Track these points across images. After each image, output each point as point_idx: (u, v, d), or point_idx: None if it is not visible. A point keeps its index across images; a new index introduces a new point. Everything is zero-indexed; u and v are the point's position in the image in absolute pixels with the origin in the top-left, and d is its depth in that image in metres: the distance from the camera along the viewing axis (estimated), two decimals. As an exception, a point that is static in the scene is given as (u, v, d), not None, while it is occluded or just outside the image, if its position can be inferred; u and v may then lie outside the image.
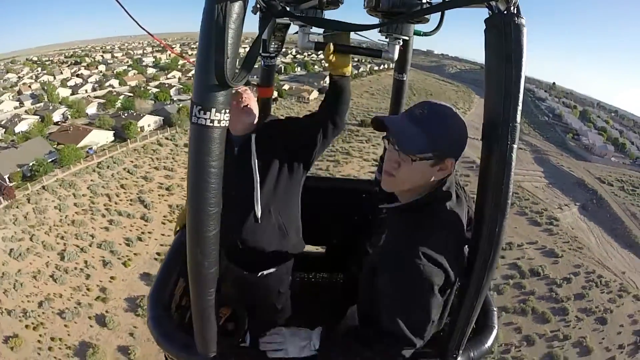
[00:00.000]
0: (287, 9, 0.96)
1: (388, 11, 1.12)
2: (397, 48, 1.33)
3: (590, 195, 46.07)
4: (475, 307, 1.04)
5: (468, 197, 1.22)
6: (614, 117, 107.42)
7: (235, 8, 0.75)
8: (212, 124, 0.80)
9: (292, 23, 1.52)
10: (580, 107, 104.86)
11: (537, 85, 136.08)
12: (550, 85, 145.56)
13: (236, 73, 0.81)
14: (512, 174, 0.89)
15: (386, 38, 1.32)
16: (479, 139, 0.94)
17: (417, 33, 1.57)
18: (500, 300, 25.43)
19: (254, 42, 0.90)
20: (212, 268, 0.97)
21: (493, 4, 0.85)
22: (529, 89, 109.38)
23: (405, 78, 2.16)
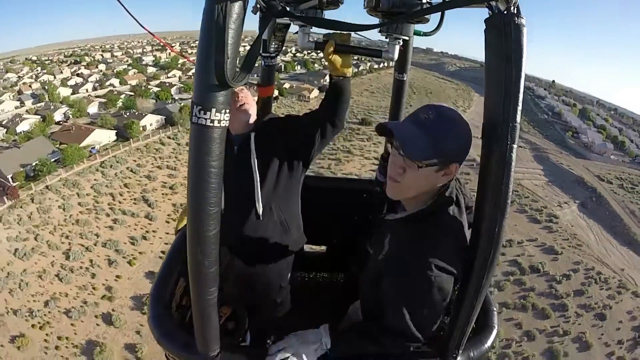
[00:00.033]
0: (287, 9, 0.95)
1: (388, 11, 1.12)
2: (397, 48, 1.33)
3: (590, 193, 46.13)
4: (475, 307, 1.04)
5: (468, 195, 1.21)
6: (614, 115, 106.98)
7: (235, 8, 0.76)
8: (212, 124, 0.81)
9: (292, 23, 1.52)
10: (580, 105, 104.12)
11: (536, 83, 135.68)
12: (549, 83, 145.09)
13: (236, 73, 0.81)
14: (512, 174, 0.89)
15: (386, 38, 1.32)
16: (479, 137, 0.94)
17: (417, 33, 1.57)
18: (501, 297, 25.67)
19: (254, 42, 0.90)
20: (212, 267, 0.97)
21: (493, 4, 0.86)
22: (528, 87, 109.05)
23: (405, 78, 2.14)
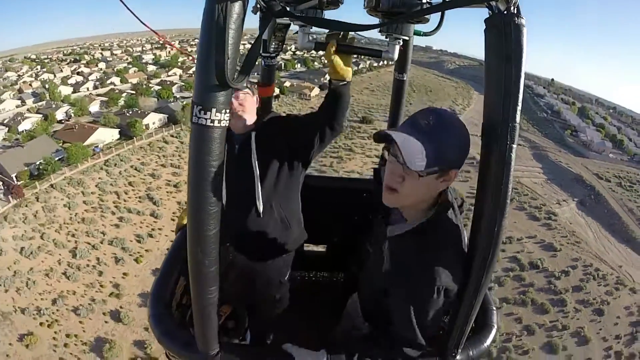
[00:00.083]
0: (287, 9, 0.96)
1: (388, 11, 1.12)
2: (397, 48, 1.34)
3: (588, 191, 46.51)
4: (475, 306, 1.04)
5: (455, 191, 1.24)
6: (612, 113, 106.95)
7: (235, 8, 0.76)
8: (212, 124, 0.82)
9: (292, 23, 1.53)
10: (579, 103, 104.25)
11: (535, 81, 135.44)
12: (549, 82, 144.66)
13: (236, 73, 0.82)
14: (511, 173, 0.88)
15: (386, 38, 1.32)
16: (479, 136, 0.94)
17: (417, 33, 1.58)
18: (501, 292, 26.08)
19: (254, 42, 0.91)
20: (212, 267, 0.97)
21: (493, 4, 0.86)
22: (527, 85, 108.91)
23: (405, 78, 2.15)
